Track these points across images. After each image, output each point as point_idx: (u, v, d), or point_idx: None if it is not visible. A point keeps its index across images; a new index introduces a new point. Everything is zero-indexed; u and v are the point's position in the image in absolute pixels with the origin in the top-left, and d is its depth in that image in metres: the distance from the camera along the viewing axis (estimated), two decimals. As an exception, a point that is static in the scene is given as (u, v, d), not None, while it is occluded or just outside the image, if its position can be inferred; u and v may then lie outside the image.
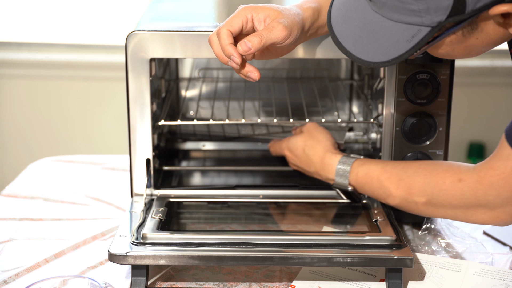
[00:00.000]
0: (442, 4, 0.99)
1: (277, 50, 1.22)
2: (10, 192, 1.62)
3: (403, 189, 1.26)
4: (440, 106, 1.38)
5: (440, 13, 1.00)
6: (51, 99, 2.95)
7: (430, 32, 1.02)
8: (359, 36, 1.07)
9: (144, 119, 1.37)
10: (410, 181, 1.26)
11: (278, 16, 1.17)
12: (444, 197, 1.22)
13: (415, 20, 1.02)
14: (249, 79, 1.18)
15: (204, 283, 1.24)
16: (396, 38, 1.04)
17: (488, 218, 1.20)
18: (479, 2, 1.00)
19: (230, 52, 1.14)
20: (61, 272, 1.27)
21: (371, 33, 1.06)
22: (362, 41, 1.07)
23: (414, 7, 1.01)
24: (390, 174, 1.28)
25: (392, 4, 1.02)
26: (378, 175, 1.30)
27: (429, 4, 1.00)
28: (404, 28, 1.03)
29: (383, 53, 1.06)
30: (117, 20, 2.94)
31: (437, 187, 1.22)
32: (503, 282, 1.24)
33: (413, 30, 1.03)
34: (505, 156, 1.14)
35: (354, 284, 1.24)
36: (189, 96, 1.77)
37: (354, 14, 1.08)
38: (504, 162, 1.14)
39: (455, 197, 1.21)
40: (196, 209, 1.43)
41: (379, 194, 1.30)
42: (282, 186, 1.48)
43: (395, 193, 1.27)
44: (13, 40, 2.94)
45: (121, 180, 1.68)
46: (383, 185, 1.29)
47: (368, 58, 1.07)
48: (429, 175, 1.24)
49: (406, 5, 1.01)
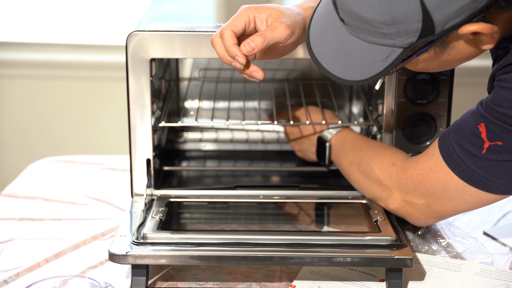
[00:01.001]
0: (411, 28, 1.02)
1: (278, 50, 1.22)
2: (10, 192, 1.62)
3: (355, 160, 1.38)
4: (440, 107, 1.38)
5: (410, 35, 1.03)
6: (51, 99, 2.95)
7: (403, 53, 1.05)
8: (337, 56, 1.10)
9: (144, 119, 1.37)
10: (361, 156, 1.37)
11: (280, 15, 1.17)
12: (377, 174, 1.31)
13: (388, 42, 1.04)
14: (253, 79, 1.18)
15: (204, 283, 1.24)
16: (371, 58, 1.07)
17: (399, 206, 1.28)
18: (447, 23, 1.02)
19: (235, 53, 1.14)
20: (61, 272, 1.27)
21: (348, 53, 1.08)
22: (339, 61, 1.10)
23: (386, 30, 1.03)
24: (354, 145, 1.42)
25: (364, 27, 1.05)
26: (348, 143, 1.44)
27: (399, 28, 1.02)
28: (378, 49, 1.06)
29: (360, 72, 1.09)
30: (117, 20, 2.94)
31: (376, 164, 1.31)
32: (503, 282, 1.24)
33: (387, 50, 1.05)
34: (430, 155, 1.22)
35: (354, 284, 1.24)
36: (189, 97, 1.77)
37: (331, 35, 1.10)
38: (427, 159, 1.22)
39: (385, 176, 1.29)
40: (196, 209, 1.43)
41: (339, 158, 1.45)
42: (282, 186, 1.48)
43: (346, 163, 1.40)
44: (13, 40, 2.94)
45: (121, 180, 1.68)
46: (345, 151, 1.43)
47: (346, 77, 1.10)
48: (376, 153, 1.34)
49: (378, 29, 1.04)
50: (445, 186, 1.20)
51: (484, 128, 1.12)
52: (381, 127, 1.43)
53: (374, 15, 1.02)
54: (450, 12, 1.00)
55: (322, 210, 1.41)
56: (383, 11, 1.01)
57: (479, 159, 1.14)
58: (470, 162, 1.15)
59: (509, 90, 1.08)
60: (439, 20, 1.01)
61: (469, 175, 1.16)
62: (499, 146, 1.12)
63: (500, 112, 1.10)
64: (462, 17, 1.01)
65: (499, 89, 1.10)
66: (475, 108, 1.15)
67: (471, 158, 1.15)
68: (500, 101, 1.10)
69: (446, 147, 1.19)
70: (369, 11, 1.02)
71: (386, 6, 1.01)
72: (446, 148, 1.18)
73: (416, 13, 1.01)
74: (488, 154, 1.13)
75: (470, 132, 1.14)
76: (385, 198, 1.30)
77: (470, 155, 1.15)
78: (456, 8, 1.00)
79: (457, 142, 1.16)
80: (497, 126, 1.11)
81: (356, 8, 1.04)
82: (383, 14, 1.02)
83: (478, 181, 1.16)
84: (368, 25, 1.04)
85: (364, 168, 1.34)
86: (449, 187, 1.20)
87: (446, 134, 1.20)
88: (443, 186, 1.21)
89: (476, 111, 1.14)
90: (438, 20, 1.01)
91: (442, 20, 1.01)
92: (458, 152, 1.16)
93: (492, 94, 1.12)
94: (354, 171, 1.38)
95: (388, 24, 1.02)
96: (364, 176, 1.34)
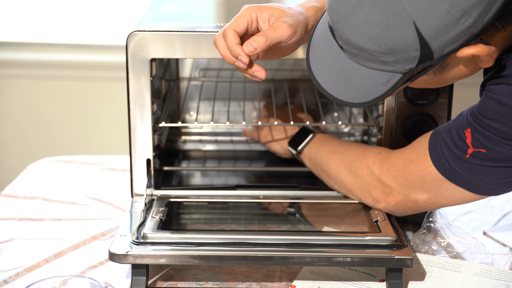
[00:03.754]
0: (410, 56, 1.03)
1: (281, 50, 1.22)
2: (10, 192, 1.62)
3: (340, 149, 1.40)
4: (440, 107, 1.38)
5: (409, 62, 1.04)
6: (51, 99, 2.95)
7: (402, 77, 1.06)
8: (338, 80, 1.10)
9: (145, 119, 1.37)
10: (348, 147, 1.39)
11: (282, 15, 1.17)
12: (362, 159, 1.33)
13: (387, 68, 1.05)
14: (256, 78, 1.18)
15: (204, 283, 1.24)
16: (372, 83, 1.08)
17: (380, 193, 1.30)
18: (445, 49, 1.02)
19: (238, 52, 1.15)
20: (61, 272, 1.27)
21: (348, 78, 1.09)
22: (341, 85, 1.10)
23: (385, 59, 1.04)
24: (341, 140, 1.45)
25: (363, 55, 1.05)
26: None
27: (398, 57, 1.03)
28: (379, 74, 1.06)
29: (362, 95, 1.09)
30: (117, 20, 2.94)
31: (362, 152, 1.34)
32: (503, 283, 1.24)
33: (387, 75, 1.06)
34: (415, 147, 1.25)
35: (354, 284, 1.24)
36: (189, 97, 1.77)
37: (330, 60, 1.11)
38: (412, 151, 1.26)
39: (369, 163, 1.32)
40: (196, 209, 1.43)
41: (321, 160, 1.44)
42: (282, 186, 1.48)
43: (327, 151, 1.42)
44: (13, 40, 2.94)
45: (121, 180, 1.68)
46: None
47: (349, 100, 1.11)
48: (364, 146, 1.37)
49: (377, 58, 1.04)
50: (423, 178, 1.23)
51: (470, 134, 1.14)
52: (381, 127, 1.43)
53: (372, 46, 1.03)
54: (448, 39, 1.01)
55: (322, 210, 1.41)
56: (380, 42, 1.02)
57: (463, 161, 1.17)
58: (453, 163, 1.18)
59: (495, 101, 1.10)
60: (437, 47, 1.02)
61: (451, 174, 1.19)
62: (482, 153, 1.14)
63: (484, 122, 1.12)
64: (459, 42, 1.02)
65: (486, 99, 1.12)
66: (465, 112, 1.17)
67: (455, 159, 1.17)
68: (485, 111, 1.11)
69: (434, 143, 1.21)
70: (367, 42, 1.03)
71: (384, 37, 1.01)
72: (435, 145, 1.21)
73: (414, 43, 1.01)
74: (471, 159, 1.15)
75: (457, 135, 1.16)
76: (366, 183, 1.32)
77: (454, 156, 1.17)
78: (453, 35, 1.01)
79: (445, 142, 1.19)
80: (481, 134, 1.13)
81: (354, 39, 1.04)
82: (381, 45, 1.02)
83: (460, 181, 1.19)
84: (367, 53, 1.04)
85: (350, 155, 1.36)
86: (426, 180, 1.23)
87: (438, 132, 1.22)
88: (421, 178, 1.23)
89: (465, 116, 1.16)
90: (436, 47, 1.02)
91: (440, 47, 1.02)
92: (445, 151, 1.19)
93: (479, 102, 1.14)
94: (335, 158, 1.39)
95: (386, 53, 1.03)
96: (347, 162, 1.36)
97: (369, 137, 1.64)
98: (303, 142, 1.48)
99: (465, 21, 0.99)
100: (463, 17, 0.99)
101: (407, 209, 1.30)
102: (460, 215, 1.51)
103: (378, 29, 1.01)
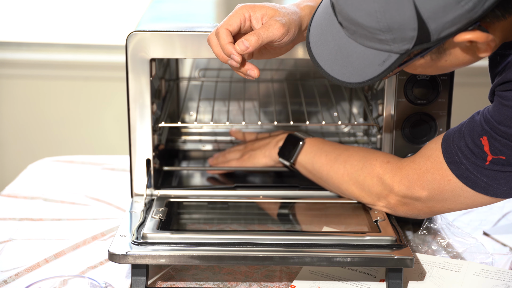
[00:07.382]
0: (407, 35, 1.03)
1: (275, 49, 1.22)
2: (10, 192, 1.62)
3: (340, 158, 1.37)
4: (440, 107, 1.38)
5: (406, 42, 1.04)
6: (51, 99, 2.95)
7: (399, 58, 1.06)
8: (335, 58, 1.10)
9: (144, 119, 1.37)
10: (349, 154, 1.36)
11: (275, 14, 1.17)
12: (370, 169, 1.31)
13: (384, 47, 1.05)
14: (249, 77, 1.19)
15: (204, 283, 1.24)
16: (368, 62, 1.07)
17: (396, 202, 1.29)
18: (443, 31, 1.02)
19: (230, 51, 1.15)
20: (61, 272, 1.27)
21: (345, 56, 1.09)
22: (337, 63, 1.10)
23: (382, 37, 1.04)
24: (336, 146, 1.41)
25: (362, 32, 1.05)
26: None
27: (395, 35, 1.03)
28: (375, 53, 1.06)
29: (358, 75, 1.09)
30: (117, 20, 2.94)
31: (370, 161, 1.32)
32: (503, 283, 1.24)
33: (383, 55, 1.06)
34: (427, 156, 1.24)
35: (354, 284, 1.24)
36: (189, 97, 1.77)
37: (330, 37, 1.11)
38: (425, 160, 1.24)
39: (379, 173, 1.30)
40: (196, 209, 1.43)
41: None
42: (282, 186, 1.48)
43: (325, 161, 1.38)
44: (13, 40, 2.94)
45: (121, 180, 1.68)
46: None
47: (344, 79, 1.11)
48: (369, 152, 1.35)
49: (374, 35, 1.04)
50: (441, 187, 1.22)
51: (487, 142, 1.14)
52: (381, 127, 1.43)
53: (370, 22, 1.03)
54: (446, 21, 1.01)
55: (322, 210, 1.41)
56: (379, 18, 1.02)
57: (483, 169, 1.16)
58: (474, 171, 1.17)
59: (510, 108, 1.10)
60: (434, 28, 1.02)
61: (473, 181, 1.18)
62: (502, 159, 1.14)
63: (501, 130, 1.11)
64: (457, 26, 1.02)
65: (500, 106, 1.11)
66: (479, 118, 1.16)
67: (475, 167, 1.17)
68: (501, 118, 1.11)
69: (450, 152, 1.20)
70: (365, 17, 1.03)
71: (382, 14, 1.02)
72: (450, 154, 1.19)
73: (412, 21, 1.01)
74: (491, 165, 1.15)
75: (473, 143, 1.16)
76: (377, 193, 1.31)
77: (474, 164, 1.17)
78: (452, 17, 1.01)
79: (460, 150, 1.18)
80: (499, 142, 1.12)
81: (353, 14, 1.04)
82: (379, 21, 1.02)
83: (482, 187, 1.18)
84: (365, 30, 1.05)
85: (354, 164, 1.34)
86: (445, 188, 1.22)
87: (449, 138, 1.20)
88: (440, 188, 1.22)
89: (479, 123, 1.15)
90: (433, 28, 1.02)
91: (438, 28, 1.02)
92: (463, 159, 1.18)
93: (492, 109, 1.13)
94: (336, 168, 1.36)
95: (384, 31, 1.03)
96: (352, 172, 1.33)
97: (369, 137, 1.64)
98: (295, 152, 1.44)
99: (464, 4, 0.99)
100: (463, 0, 0.99)
101: (422, 214, 1.30)
102: (460, 215, 1.51)
103: (377, 5, 1.01)
